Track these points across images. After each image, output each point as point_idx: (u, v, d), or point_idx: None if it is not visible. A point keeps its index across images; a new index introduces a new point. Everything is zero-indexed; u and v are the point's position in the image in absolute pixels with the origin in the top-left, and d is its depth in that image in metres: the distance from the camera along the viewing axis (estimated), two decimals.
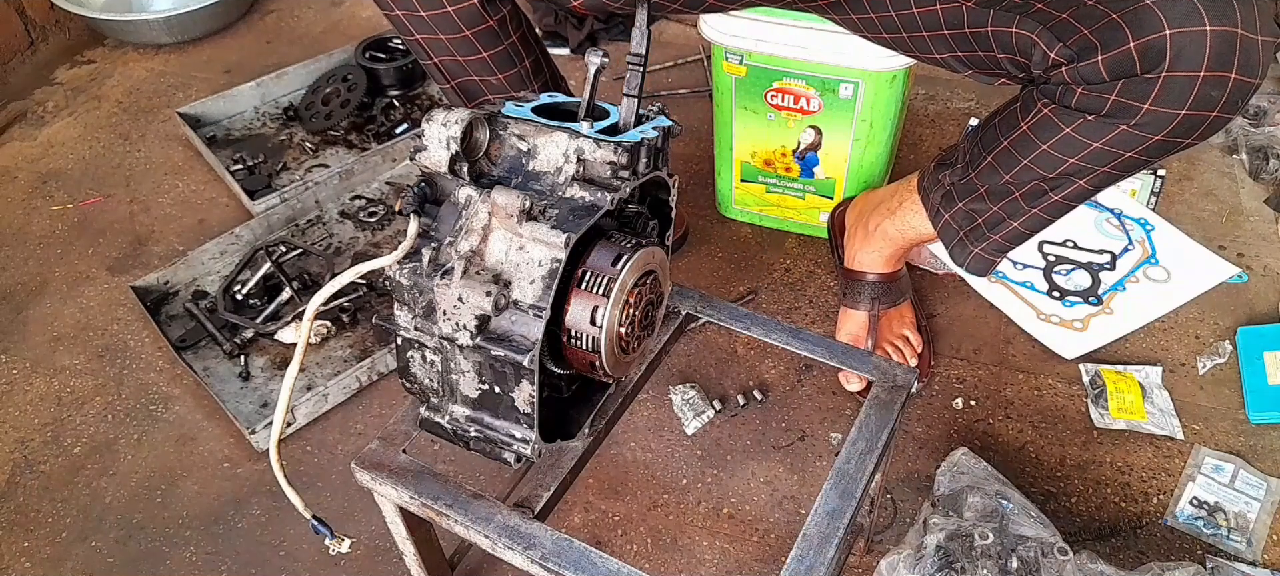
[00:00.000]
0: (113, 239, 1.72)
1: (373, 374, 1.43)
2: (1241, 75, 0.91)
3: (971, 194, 1.17)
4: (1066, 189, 1.08)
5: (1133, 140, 0.98)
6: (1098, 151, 1.01)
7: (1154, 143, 0.97)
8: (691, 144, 1.81)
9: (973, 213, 1.18)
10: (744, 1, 1.28)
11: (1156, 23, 0.91)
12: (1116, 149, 1.00)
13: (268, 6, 2.38)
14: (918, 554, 1.05)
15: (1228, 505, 1.22)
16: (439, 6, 1.14)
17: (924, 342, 1.42)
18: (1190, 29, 0.90)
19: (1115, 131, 0.99)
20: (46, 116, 2.04)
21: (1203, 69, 0.91)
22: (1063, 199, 1.10)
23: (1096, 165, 1.03)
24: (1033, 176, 1.09)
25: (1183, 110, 0.93)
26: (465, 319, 0.75)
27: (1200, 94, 0.92)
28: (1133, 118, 0.96)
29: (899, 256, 1.39)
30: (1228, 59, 0.90)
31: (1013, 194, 1.12)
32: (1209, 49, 0.90)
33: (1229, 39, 0.90)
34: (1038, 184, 1.09)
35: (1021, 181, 1.10)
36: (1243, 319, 1.46)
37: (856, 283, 1.40)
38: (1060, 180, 1.07)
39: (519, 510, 0.87)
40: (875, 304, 1.39)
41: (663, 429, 1.35)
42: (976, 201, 1.17)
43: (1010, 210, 1.15)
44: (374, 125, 1.93)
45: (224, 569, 1.23)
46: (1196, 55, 0.90)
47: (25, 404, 1.44)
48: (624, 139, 0.81)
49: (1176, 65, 0.91)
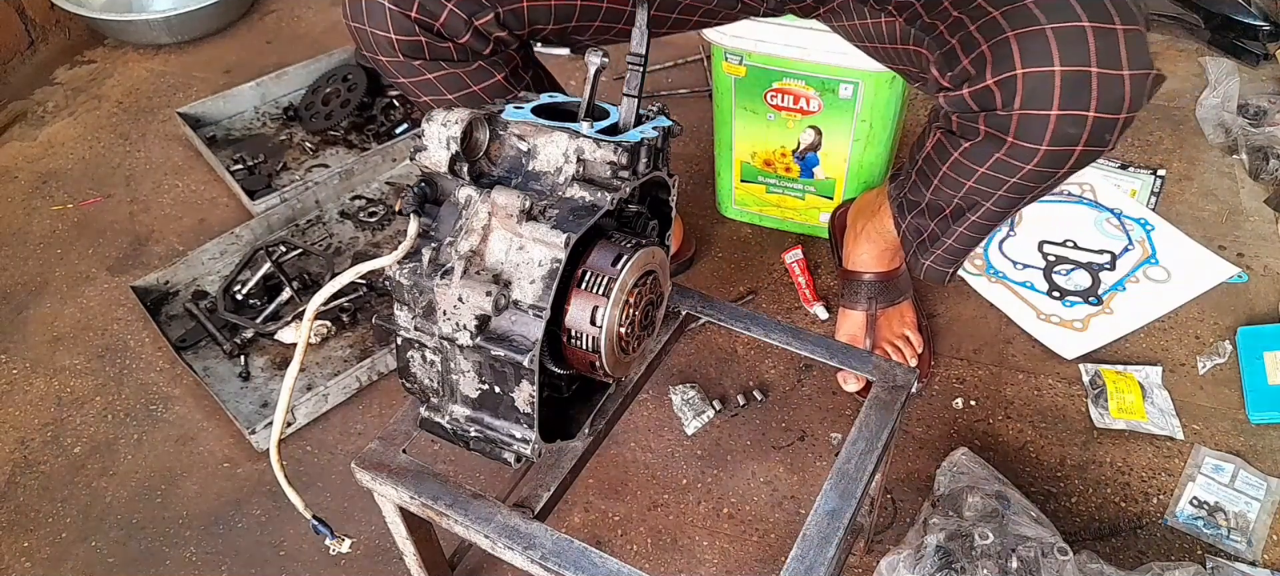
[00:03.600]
0: (113, 239, 1.72)
1: (373, 374, 1.43)
2: (1102, 112, 0.91)
3: (913, 209, 1.18)
4: (978, 211, 1.09)
5: (1009, 168, 0.99)
6: (985, 176, 1.02)
7: (1029, 171, 0.98)
8: (691, 144, 1.81)
9: (918, 227, 1.20)
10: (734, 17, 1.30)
11: (1011, 60, 0.91)
12: (999, 175, 1.01)
13: (268, 6, 2.38)
14: (918, 554, 1.05)
15: (1228, 505, 1.22)
16: (465, 88, 1.15)
17: (924, 342, 1.42)
18: (1040, 69, 0.90)
19: (991, 160, 1.00)
20: (46, 116, 2.04)
21: (1054, 108, 0.91)
22: (980, 220, 1.10)
23: (991, 188, 1.04)
24: (946, 197, 1.10)
25: (1042, 146, 0.94)
26: (465, 319, 0.75)
27: (1057, 131, 0.93)
28: (1001, 148, 0.98)
29: (892, 255, 1.39)
30: (1082, 98, 0.90)
31: (942, 211, 1.13)
32: (1058, 89, 0.90)
33: (1081, 78, 0.90)
34: (956, 203, 1.10)
35: (940, 201, 1.12)
36: (1243, 319, 1.46)
37: (853, 282, 1.41)
38: (969, 202, 1.08)
39: (519, 510, 0.87)
40: (872, 303, 1.39)
41: (663, 429, 1.35)
42: (918, 216, 1.18)
43: (942, 227, 1.16)
44: (374, 125, 1.93)
45: (224, 569, 1.23)
46: (1046, 95, 0.91)
47: (25, 404, 1.44)
48: (624, 139, 0.81)
49: (1028, 103, 0.92)
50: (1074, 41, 0.90)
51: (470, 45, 1.10)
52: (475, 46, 1.10)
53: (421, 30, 1.08)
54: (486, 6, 1.07)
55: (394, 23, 1.07)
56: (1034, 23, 0.91)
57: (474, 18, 1.07)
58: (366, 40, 1.11)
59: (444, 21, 1.07)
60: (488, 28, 1.09)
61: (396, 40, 1.08)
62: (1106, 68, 0.90)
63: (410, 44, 1.09)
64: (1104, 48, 0.90)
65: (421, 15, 1.06)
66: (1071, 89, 0.91)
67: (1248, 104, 1.85)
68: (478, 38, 1.09)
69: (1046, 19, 0.90)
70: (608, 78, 0.96)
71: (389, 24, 1.07)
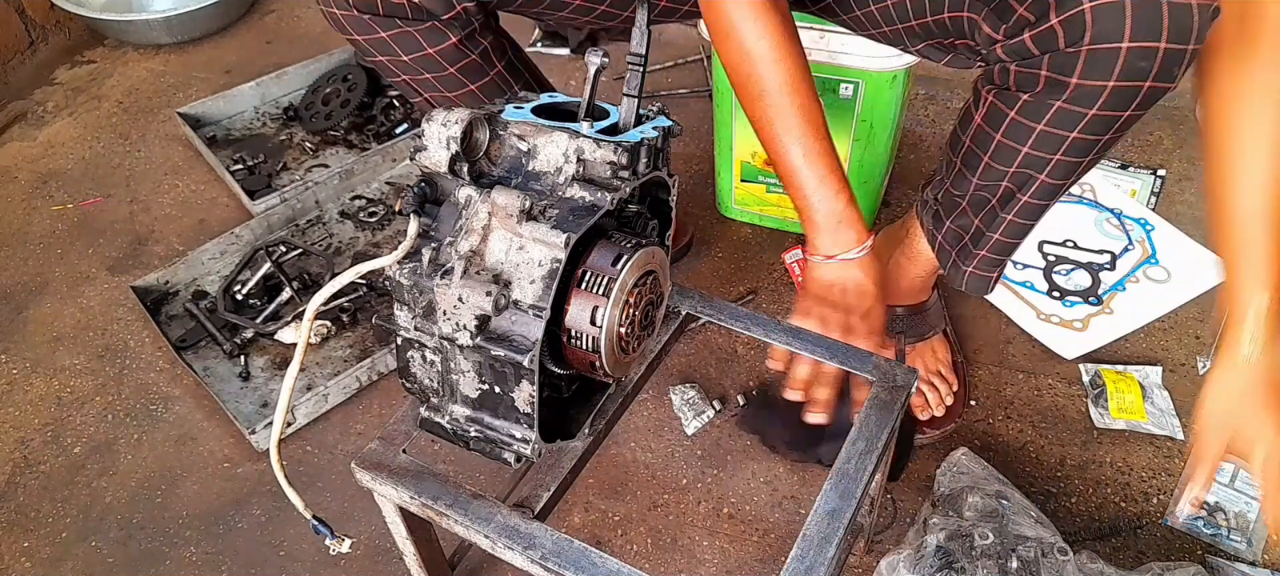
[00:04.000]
0: (113, 239, 1.72)
1: (373, 374, 1.43)
2: (1172, 42, 0.88)
3: (954, 209, 1.15)
4: (1032, 187, 1.06)
5: (1070, 118, 0.96)
6: (1043, 135, 0.99)
7: (1091, 118, 0.95)
8: (691, 144, 1.81)
9: (959, 230, 1.17)
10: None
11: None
12: (1059, 130, 0.98)
13: (268, 6, 2.38)
14: (918, 554, 1.05)
15: (1228, 505, 1.22)
16: (419, 49, 1.14)
17: (960, 382, 1.35)
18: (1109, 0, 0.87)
19: (1052, 110, 0.96)
20: (46, 116, 2.04)
21: (1126, 40, 0.88)
22: (1032, 200, 1.07)
23: (1048, 152, 1.00)
24: (996, 176, 1.07)
25: (1111, 82, 0.91)
26: (465, 319, 0.75)
27: (1126, 65, 0.90)
28: (1064, 93, 0.94)
29: (920, 285, 1.33)
30: (1155, 28, 0.88)
31: (988, 201, 1.10)
32: (1130, 19, 0.87)
33: (1154, 6, 0.87)
34: (1005, 185, 1.07)
35: (990, 184, 1.08)
36: None
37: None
38: (1022, 177, 1.05)
39: (519, 510, 0.87)
40: (901, 338, 1.33)
41: (663, 429, 1.35)
42: (960, 216, 1.15)
43: (988, 221, 1.12)
44: (374, 125, 1.93)
45: (224, 569, 1.23)
46: (1117, 26, 0.88)
47: (25, 404, 1.44)
48: (624, 139, 0.81)
49: (1098, 38, 0.89)
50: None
51: (425, 4, 1.08)
52: (433, 8, 1.09)
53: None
54: None
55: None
56: None
57: None
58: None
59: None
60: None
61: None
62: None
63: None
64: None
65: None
66: (1143, 18, 0.87)
67: None
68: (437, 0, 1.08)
69: None
70: (608, 78, 0.96)
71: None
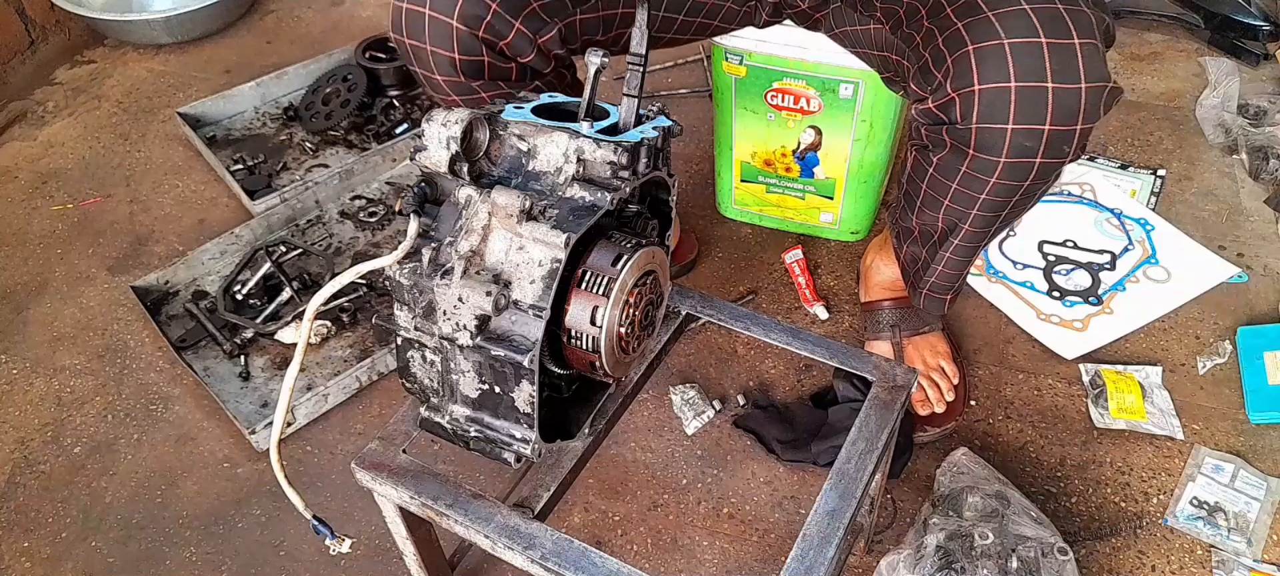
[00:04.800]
0: (113, 239, 1.72)
1: (373, 374, 1.43)
2: (1057, 125, 0.93)
3: (907, 236, 1.19)
4: (959, 233, 1.10)
5: (976, 183, 1.01)
6: (958, 192, 1.04)
7: (995, 184, 1.00)
8: (691, 144, 1.81)
9: (913, 255, 1.21)
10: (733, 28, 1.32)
11: (970, 74, 0.93)
12: (969, 190, 1.03)
13: (268, 6, 2.37)
14: (918, 554, 1.05)
15: (1228, 505, 1.22)
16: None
17: (960, 375, 1.36)
18: (996, 84, 0.92)
19: (959, 173, 1.02)
20: (46, 116, 2.04)
21: (1011, 122, 0.93)
22: (962, 243, 1.12)
23: (965, 206, 1.05)
24: (931, 218, 1.11)
25: (1001, 158, 0.96)
26: (465, 319, 0.75)
27: (1013, 144, 0.95)
28: (965, 161, 0.99)
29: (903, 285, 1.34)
30: (1038, 112, 0.92)
31: (930, 236, 1.15)
32: (1014, 103, 0.92)
33: (1037, 93, 0.92)
34: (940, 226, 1.11)
35: (926, 225, 1.13)
36: (1243, 319, 1.46)
37: (874, 313, 1.38)
38: (950, 222, 1.10)
39: (519, 510, 0.87)
40: (896, 330, 1.36)
41: (663, 429, 1.35)
42: (912, 244, 1.19)
43: (931, 253, 1.17)
44: (374, 125, 1.93)
45: (224, 569, 1.23)
46: (1002, 109, 0.93)
47: (25, 404, 1.44)
48: (624, 139, 0.81)
49: (985, 118, 0.94)
50: (1030, 55, 0.92)
51: (532, 65, 1.07)
52: (537, 66, 1.08)
53: (486, 50, 1.04)
54: (549, 23, 1.05)
55: (459, 43, 1.03)
56: (994, 37, 0.93)
57: (538, 35, 1.05)
58: (422, 58, 1.06)
59: (509, 41, 1.04)
60: (549, 45, 1.06)
61: (459, 60, 1.04)
62: (1062, 82, 0.92)
63: (472, 64, 1.05)
64: (1060, 62, 0.92)
65: (488, 34, 1.03)
66: (1027, 103, 0.93)
67: (1248, 104, 1.85)
68: (540, 57, 1.07)
69: (1005, 33, 0.93)
70: (608, 78, 0.96)
71: (454, 44, 1.03)
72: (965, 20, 0.95)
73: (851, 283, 1.55)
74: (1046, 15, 0.92)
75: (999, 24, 0.93)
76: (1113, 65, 2.09)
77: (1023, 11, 0.92)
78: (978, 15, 0.94)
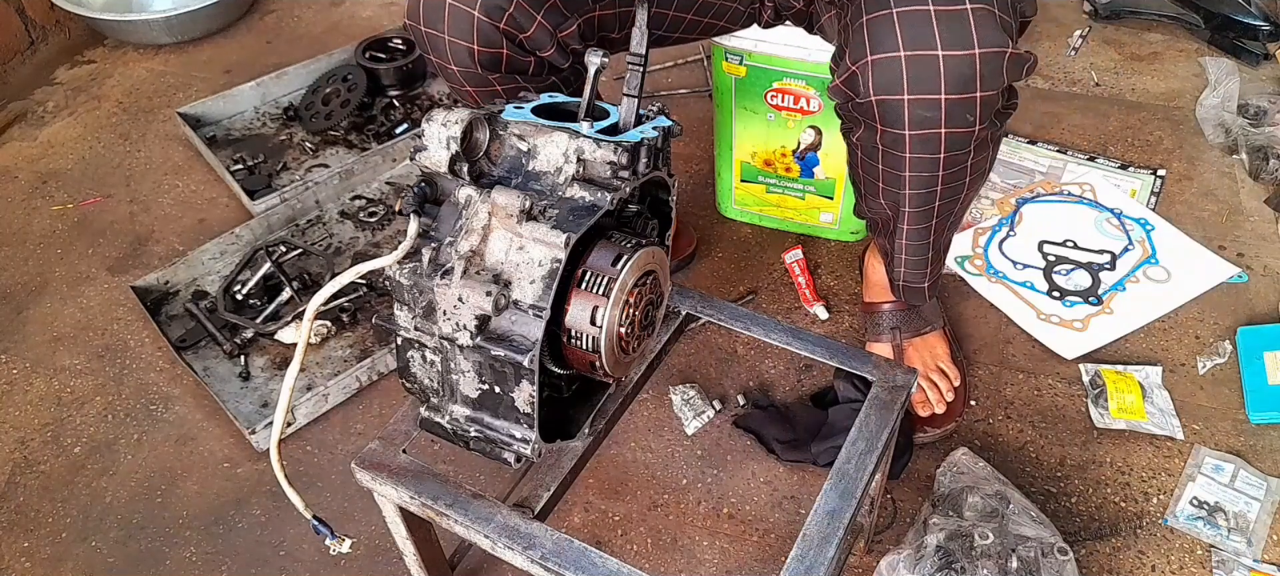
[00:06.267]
0: (113, 239, 1.72)
1: (373, 374, 1.43)
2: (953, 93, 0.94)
3: (874, 227, 1.21)
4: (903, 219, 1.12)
5: (894, 159, 1.03)
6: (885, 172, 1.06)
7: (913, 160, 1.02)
8: (691, 144, 1.81)
9: (882, 249, 1.22)
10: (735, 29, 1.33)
11: (863, 47, 0.95)
12: (892, 169, 1.05)
13: (268, 6, 2.38)
14: (918, 554, 1.05)
15: (1228, 505, 1.22)
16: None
17: (961, 376, 1.35)
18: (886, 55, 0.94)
19: (878, 151, 1.04)
20: (46, 116, 2.04)
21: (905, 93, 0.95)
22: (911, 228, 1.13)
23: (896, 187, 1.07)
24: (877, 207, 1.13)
25: (906, 131, 0.98)
26: (465, 319, 0.75)
27: (913, 115, 0.97)
28: (876, 136, 1.01)
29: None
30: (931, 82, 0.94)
31: (885, 223, 1.16)
32: (905, 73, 0.94)
33: (927, 62, 0.93)
34: (885, 211, 1.13)
35: (876, 212, 1.15)
36: (1243, 319, 1.46)
37: (874, 314, 1.38)
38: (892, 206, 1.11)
39: (519, 510, 0.87)
40: (896, 332, 1.35)
41: (663, 429, 1.35)
42: (878, 233, 1.20)
43: (891, 242, 1.18)
44: (374, 125, 1.93)
45: (224, 569, 1.23)
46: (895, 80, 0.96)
47: (25, 404, 1.44)
48: (624, 139, 0.81)
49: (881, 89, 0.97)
50: (918, 24, 0.91)
51: (551, 59, 1.07)
52: (556, 61, 1.08)
53: (506, 42, 1.04)
54: (570, 18, 1.05)
55: (480, 33, 1.03)
56: (884, 6, 0.93)
57: (558, 29, 1.05)
58: (440, 47, 1.06)
59: (530, 34, 1.04)
60: (569, 39, 1.06)
61: (477, 51, 1.04)
62: (952, 50, 0.91)
63: (490, 55, 1.05)
64: (950, 30, 0.91)
65: (509, 27, 1.03)
66: (919, 73, 0.93)
67: (1248, 104, 1.85)
68: (560, 52, 1.07)
69: (895, 3, 0.93)
70: (608, 78, 0.96)
71: (474, 34, 1.03)
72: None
73: (851, 283, 1.55)
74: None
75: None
76: (1111, 64, 2.10)
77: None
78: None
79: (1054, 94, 1.95)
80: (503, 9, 1.01)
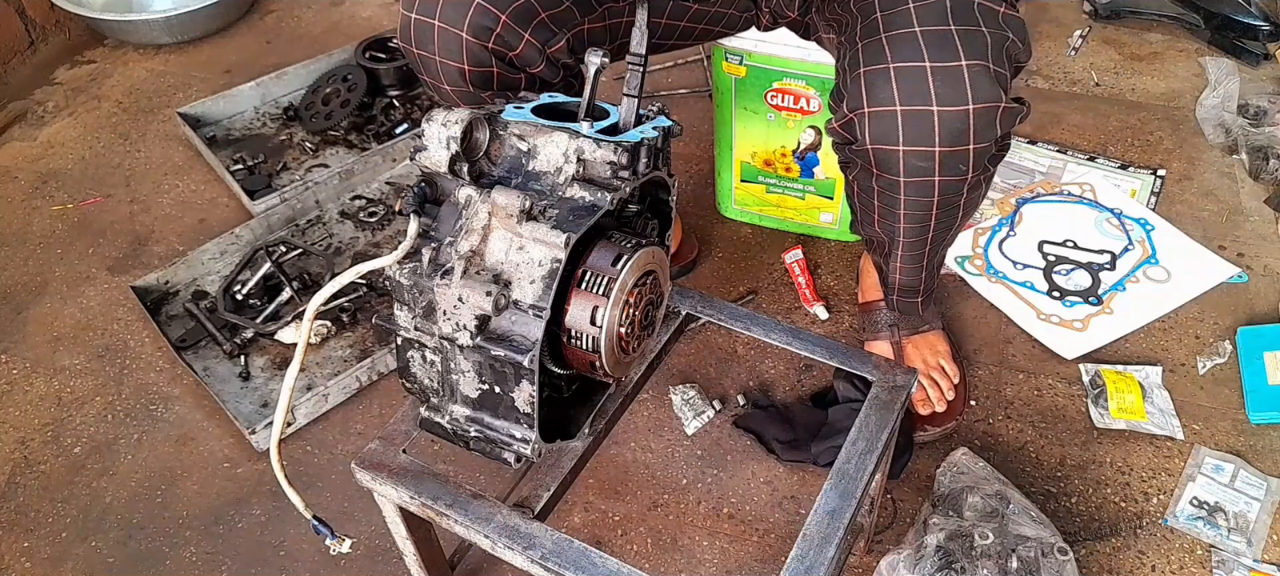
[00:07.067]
0: (113, 239, 1.72)
1: (373, 374, 1.43)
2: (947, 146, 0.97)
3: (867, 245, 1.23)
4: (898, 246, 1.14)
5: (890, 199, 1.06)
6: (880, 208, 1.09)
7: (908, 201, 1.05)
8: (691, 144, 1.81)
9: (877, 263, 1.24)
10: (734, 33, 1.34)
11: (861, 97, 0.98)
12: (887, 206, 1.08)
13: (268, 6, 2.38)
14: (918, 554, 1.05)
15: (1228, 505, 1.22)
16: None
17: (960, 375, 1.35)
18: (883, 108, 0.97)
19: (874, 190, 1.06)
20: (46, 116, 2.04)
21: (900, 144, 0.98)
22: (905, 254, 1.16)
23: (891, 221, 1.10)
24: (873, 234, 1.15)
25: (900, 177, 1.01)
26: (465, 319, 0.75)
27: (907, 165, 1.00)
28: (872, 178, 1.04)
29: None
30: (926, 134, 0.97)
31: (881, 246, 1.18)
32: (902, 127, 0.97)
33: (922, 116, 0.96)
34: (880, 237, 1.15)
35: (872, 237, 1.17)
36: (1243, 319, 1.46)
37: (871, 313, 1.38)
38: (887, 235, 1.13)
39: (519, 510, 0.87)
40: (894, 329, 1.36)
41: (663, 429, 1.35)
42: (874, 251, 1.23)
43: (886, 262, 1.20)
44: (374, 125, 1.93)
45: (224, 569, 1.23)
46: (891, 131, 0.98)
47: (25, 404, 1.44)
48: (624, 139, 0.81)
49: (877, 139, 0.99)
50: (915, 79, 0.94)
51: (542, 75, 1.07)
52: (546, 76, 1.08)
53: (496, 61, 1.04)
54: (558, 33, 1.05)
55: (469, 54, 1.03)
56: (882, 61, 0.95)
57: (547, 46, 1.05)
58: (432, 68, 1.06)
59: (520, 52, 1.04)
60: (558, 55, 1.06)
61: (468, 71, 1.04)
62: (947, 105, 0.94)
63: (481, 75, 1.05)
64: (945, 85, 0.93)
65: (498, 46, 1.03)
66: (914, 125, 0.96)
67: (1248, 104, 1.85)
68: (550, 67, 1.07)
69: (892, 57, 0.95)
70: (608, 78, 0.96)
71: (463, 55, 1.03)
72: (864, 42, 0.98)
73: (851, 283, 1.55)
74: (935, 39, 0.94)
75: (889, 48, 0.95)
76: (1111, 64, 2.10)
77: (913, 35, 0.95)
78: (874, 38, 0.97)
79: (1054, 94, 1.95)
80: (490, 29, 1.01)
